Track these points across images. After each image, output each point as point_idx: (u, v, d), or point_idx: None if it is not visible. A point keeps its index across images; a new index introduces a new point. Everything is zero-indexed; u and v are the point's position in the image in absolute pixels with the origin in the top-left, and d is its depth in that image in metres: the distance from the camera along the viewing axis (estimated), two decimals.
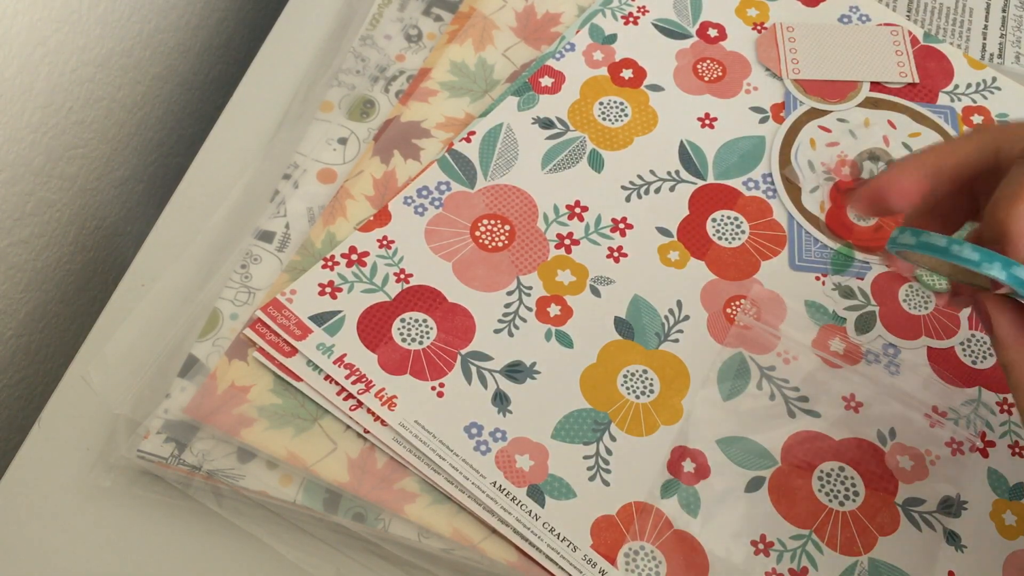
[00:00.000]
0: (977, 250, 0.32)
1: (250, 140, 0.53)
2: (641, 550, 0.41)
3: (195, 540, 0.43)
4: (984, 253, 0.32)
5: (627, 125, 0.52)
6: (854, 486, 0.42)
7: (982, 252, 0.32)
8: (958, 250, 0.32)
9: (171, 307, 0.47)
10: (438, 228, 0.48)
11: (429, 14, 0.56)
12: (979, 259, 0.32)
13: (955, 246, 0.32)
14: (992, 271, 0.32)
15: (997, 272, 0.32)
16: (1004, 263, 0.32)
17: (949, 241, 0.33)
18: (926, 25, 0.57)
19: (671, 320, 0.46)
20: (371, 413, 0.43)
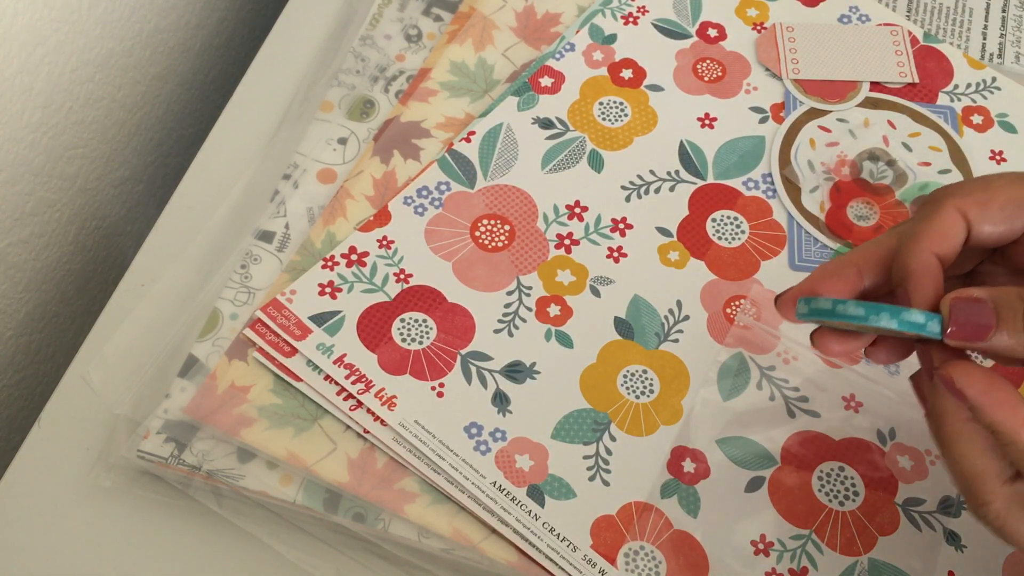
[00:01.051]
0: (861, 305, 0.32)
1: (250, 140, 0.53)
2: (641, 550, 0.41)
3: (195, 540, 0.43)
4: (869, 307, 0.32)
5: (627, 125, 0.52)
6: (854, 486, 0.42)
7: (867, 306, 0.32)
8: (843, 309, 0.33)
9: (171, 307, 0.47)
10: (438, 228, 0.48)
11: (429, 14, 0.56)
12: (865, 313, 0.32)
13: (840, 306, 0.33)
14: (881, 322, 0.32)
15: (886, 322, 0.32)
16: (891, 312, 0.32)
17: (834, 303, 0.33)
18: (926, 25, 0.57)
19: (671, 320, 0.46)
20: (371, 413, 0.43)
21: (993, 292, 0.32)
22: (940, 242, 0.33)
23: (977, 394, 0.31)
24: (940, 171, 0.51)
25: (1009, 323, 0.31)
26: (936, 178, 0.50)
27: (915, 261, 0.33)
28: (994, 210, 0.33)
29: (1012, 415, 0.31)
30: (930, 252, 0.33)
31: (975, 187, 0.34)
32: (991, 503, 0.32)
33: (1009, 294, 0.32)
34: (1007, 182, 0.34)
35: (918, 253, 0.33)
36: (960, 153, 0.51)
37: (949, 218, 0.33)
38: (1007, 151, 0.51)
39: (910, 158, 0.51)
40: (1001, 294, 0.32)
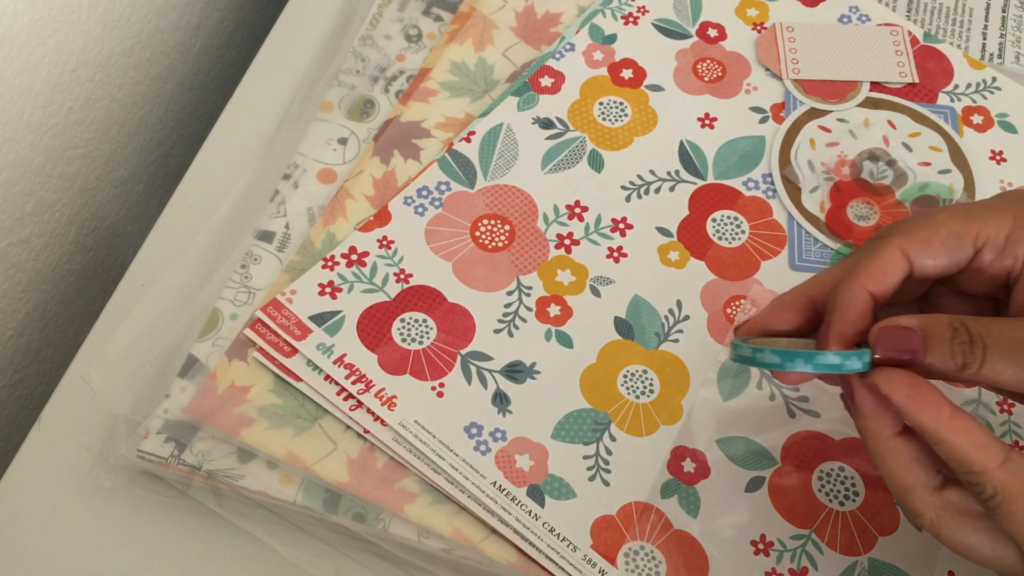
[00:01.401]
0: (776, 353, 0.34)
1: (250, 140, 0.53)
2: (641, 550, 0.41)
3: (195, 540, 0.43)
4: (783, 354, 0.34)
5: (627, 125, 0.52)
6: (854, 486, 0.42)
7: (782, 354, 0.34)
8: (761, 358, 0.34)
9: (171, 307, 0.47)
10: (438, 228, 0.48)
11: (429, 14, 0.56)
12: (780, 361, 0.34)
13: (759, 355, 0.34)
14: (796, 367, 0.34)
15: (801, 367, 0.34)
16: (806, 357, 0.33)
17: (754, 351, 0.35)
18: (926, 25, 0.57)
19: (671, 320, 0.46)
20: (371, 413, 0.43)
21: (922, 320, 0.34)
22: (876, 280, 0.35)
23: (902, 398, 0.33)
24: (940, 171, 0.51)
25: (937, 349, 0.33)
26: (936, 178, 0.50)
27: (843, 296, 0.35)
28: (935, 246, 0.35)
29: (937, 415, 0.32)
30: (862, 288, 0.35)
31: (919, 225, 0.35)
32: (923, 514, 0.34)
33: (939, 322, 0.33)
34: (949, 216, 0.35)
35: (849, 289, 0.35)
36: (960, 153, 0.51)
37: (889, 257, 0.35)
38: (1007, 151, 0.51)
39: (910, 158, 0.51)
40: (930, 322, 0.33)
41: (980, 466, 0.32)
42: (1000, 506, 0.32)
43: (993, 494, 0.32)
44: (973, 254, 0.35)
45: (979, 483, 0.32)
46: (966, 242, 0.35)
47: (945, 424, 0.32)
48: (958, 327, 0.33)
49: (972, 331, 0.33)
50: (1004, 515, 0.32)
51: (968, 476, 0.32)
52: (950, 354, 0.33)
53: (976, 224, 0.35)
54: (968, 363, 0.33)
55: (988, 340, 0.33)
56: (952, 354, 0.33)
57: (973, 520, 0.34)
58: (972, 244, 0.35)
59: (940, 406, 0.33)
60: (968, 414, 0.33)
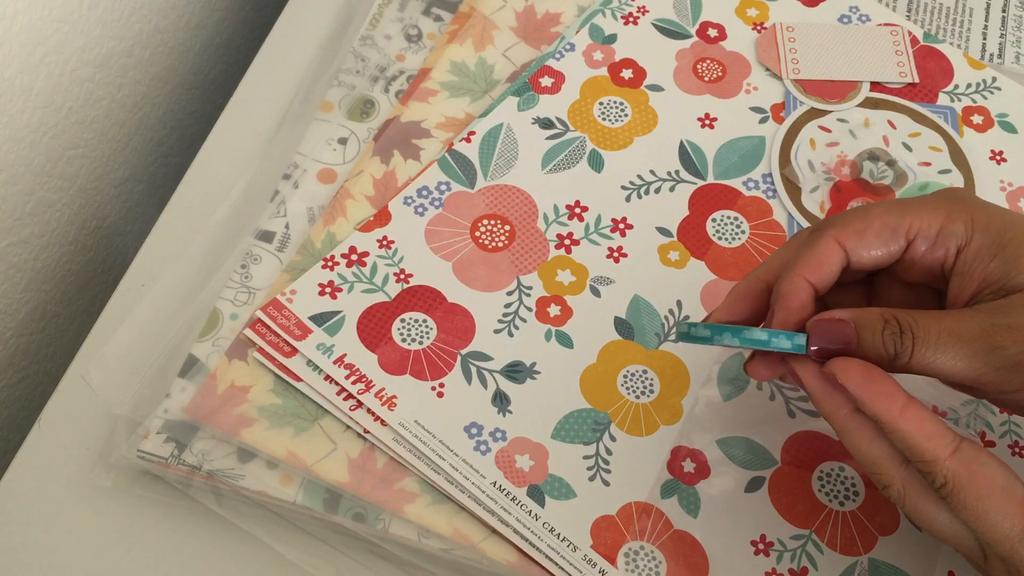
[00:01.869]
0: (708, 327, 0.36)
1: (250, 140, 0.53)
2: (641, 550, 0.41)
3: (195, 540, 0.43)
4: (713, 328, 0.36)
5: (627, 125, 0.52)
6: (854, 486, 0.42)
7: (712, 328, 0.36)
8: (694, 331, 0.36)
9: (171, 307, 0.47)
10: (438, 228, 0.48)
11: (429, 14, 0.56)
12: (710, 334, 0.36)
13: (692, 328, 0.36)
14: (724, 340, 0.35)
15: (729, 340, 0.35)
16: (733, 331, 0.35)
17: (689, 327, 0.37)
18: (926, 25, 0.57)
19: (671, 320, 0.46)
20: (371, 413, 0.43)
21: (856, 314, 0.36)
22: (814, 271, 0.36)
23: (856, 387, 0.34)
24: (940, 171, 0.51)
25: (868, 340, 0.35)
26: (936, 178, 0.50)
27: (784, 288, 0.36)
28: (870, 238, 0.37)
29: (890, 404, 0.34)
30: (802, 278, 0.36)
31: (855, 218, 0.37)
32: (891, 485, 0.35)
33: (871, 315, 0.35)
34: (883, 210, 0.37)
35: (790, 281, 0.36)
36: (960, 153, 0.51)
37: (826, 249, 0.37)
38: (1007, 151, 0.51)
39: (910, 158, 0.51)
40: (863, 315, 0.35)
41: (931, 455, 0.33)
42: (951, 494, 0.33)
43: (944, 483, 0.33)
44: (906, 246, 0.37)
45: (931, 472, 0.33)
46: (899, 234, 0.36)
47: (898, 414, 0.33)
48: (889, 319, 0.35)
49: (902, 323, 0.35)
50: (955, 503, 0.33)
51: (920, 465, 0.34)
52: (881, 344, 0.35)
53: (908, 217, 0.36)
54: (899, 352, 0.34)
55: (916, 331, 0.34)
56: (884, 344, 0.35)
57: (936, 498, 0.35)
58: (904, 236, 0.37)
59: (893, 395, 0.34)
60: (921, 404, 0.34)
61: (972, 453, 0.33)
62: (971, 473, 0.33)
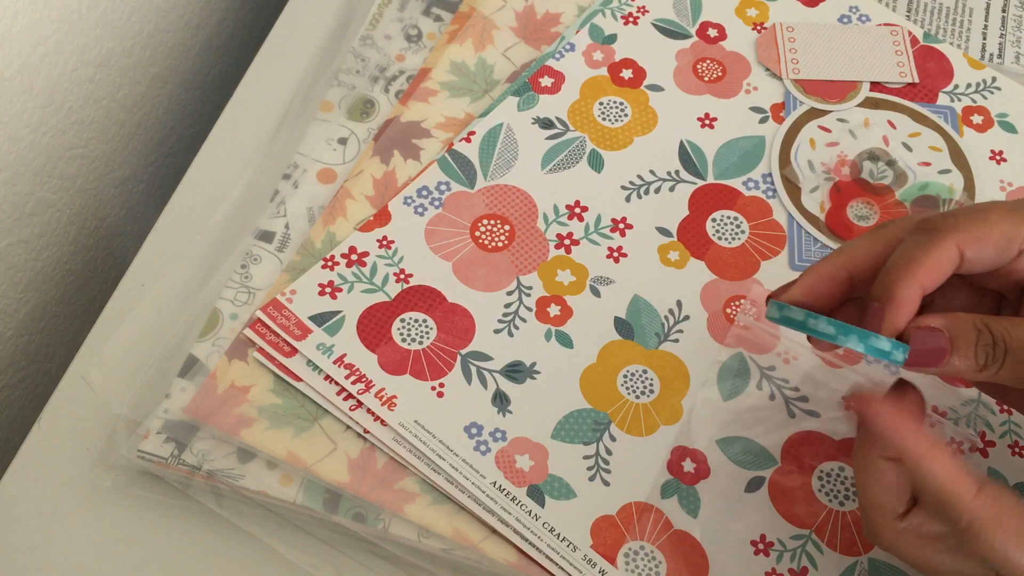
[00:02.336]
0: (832, 323, 0.34)
1: (250, 140, 0.53)
2: (641, 550, 0.41)
3: (195, 540, 0.43)
4: (839, 326, 0.34)
5: (627, 125, 0.52)
6: (854, 486, 0.42)
7: (837, 325, 0.34)
8: (814, 324, 0.34)
9: (171, 307, 0.47)
10: (438, 228, 0.48)
11: (429, 14, 0.56)
12: (835, 332, 0.34)
13: (811, 320, 0.34)
14: (849, 344, 0.33)
15: (854, 344, 0.33)
16: (860, 335, 0.33)
17: (806, 315, 0.34)
18: (926, 25, 0.57)
19: (671, 320, 0.46)
20: (371, 413, 0.43)
21: (949, 321, 0.35)
22: (932, 275, 0.35)
23: (883, 424, 0.34)
24: (940, 171, 0.51)
25: (962, 351, 0.34)
26: (936, 178, 0.50)
27: (903, 289, 0.34)
28: (988, 246, 0.35)
29: (916, 443, 0.34)
30: (918, 282, 0.35)
31: (974, 222, 0.35)
32: (881, 536, 0.36)
33: (964, 323, 0.34)
34: (1001, 216, 0.35)
35: (908, 282, 0.34)
36: (960, 153, 0.51)
37: (947, 254, 0.35)
38: (1007, 151, 0.51)
39: (910, 158, 0.51)
40: (956, 323, 0.34)
41: (956, 496, 0.33)
42: (975, 535, 0.33)
43: (967, 525, 0.33)
44: (1016, 255, 0.35)
45: (955, 511, 0.33)
46: (1014, 243, 0.35)
47: (925, 453, 0.33)
48: (982, 329, 0.34)
49: (995, 334, 0.34)
50: (978, 543, 0.33)
51: (942, 505, 0.33)
52: (973, 355, 0.34)
53: None
54: (988, 364, 0.34)
55: (1010, 343, 0.34)
56: (975, 355, 0.34)
57: (933, 542, 0.35)
58: (1019, 246, 0.35)
59: (920, 435, 0.34)
60: (945, 445, 0.34)
61: (995, 493, 0.33)
62: (995, 513, 0.33)
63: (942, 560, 0.35)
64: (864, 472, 0.35)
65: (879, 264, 0.36)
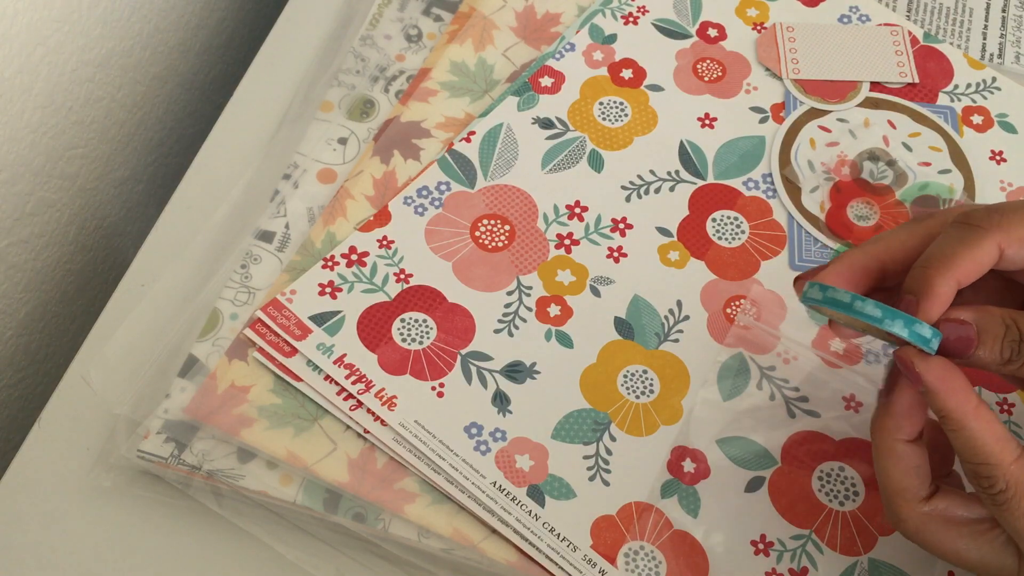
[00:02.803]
0: (879, 307, 0.34)
1: (250, 140, 0.53)
2: (641, 550, 0.41)
3: (195, 540, 0.43)
4: (886, 310, 0.34)
5: (627, 125, 0.52)
6: (854, 486, 0.42)
7: (884, 309, 0.34)
8: (861, 306, 0.34)
9: (171, 307, 0.47)
10: (438, 228, 0.48)
11: (429, 14, 0.56)
12: (881, 316, 0.34)
13: (858, 302, 0.34)
14: (894, 328, 0.34)
15: (899, 329, 0.34)
16: (906, 321, 0.34)
17: (853, 297, 0.34)
18: (926, 25, 0.57)
19: (671, 320, 0.46)
20: (371, 413, 0.43)
21: (978, 315, 0.35)
22: (970, 272, 0.35)
23: (934, 379, 0.34)
24: (940, 171, 0.51)
25: (988, 345, 0.34)
26: (936, 178, 0.50)
27: (940, 285, 0.34)
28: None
29: (965, 401, 0.34)
30: (956, 279, 0.35)
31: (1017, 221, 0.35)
32: (907, 521, 0.36)
33: (993, 318, 0.35)
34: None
35: (946, 278, 0.34)
36: (960, 153, 0.51)
37: (987, 253, 0.35)
38: (1007, 151, 0.51)
39: (910, 158, 0.51)
40: (985, 317, 0.35)
41: (997, 459, 0.33)
42: (1009, 500, 0.33)
43: (1004, 488, 0.33)
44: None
45: (991, 476, 0.33)
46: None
47: (971, 412, 0.33)
48: (1010, 325, 0.34)
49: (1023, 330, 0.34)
50: (1011, 510, 0.33)
51: (981, 468, 0.34)
52: (1000, 350, 0.34)
53: None
54: (1013, 359, 0.34)
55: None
56: (1001, 350, 0.34)
57: (958, 526, 0.35)
58: None
59: (968, 394, 0.34)
60: (989, 408, 0.34)
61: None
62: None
63: (966, 545, 0.35)
64: (886, 457, 0.35)
65: (914, 257, 0.36)
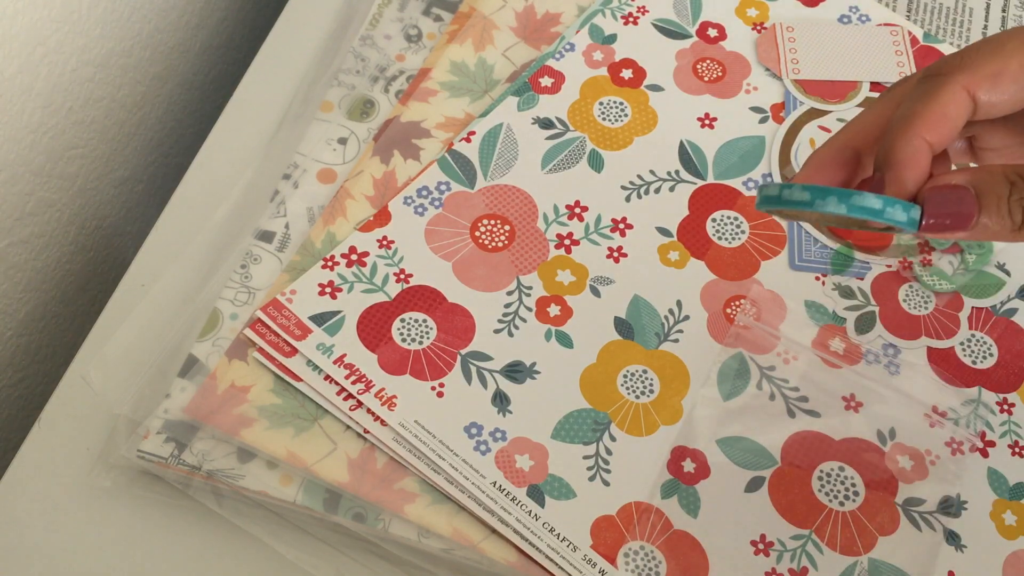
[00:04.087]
0: (807, 189, 0.30)
1: (250, 140, 0.53)
2: (641, 550, 0.41)
3: (195, 540, 0.43)
4: (814, 190, 0.30)
5: (627, 125, 0.52)
6: (854, 486, 0.42)
7: (812, 190, 0.30)
8: (788, 194, 0.30)
9: (171, 307, 0.47)
10: (438, 228, 0.48)
11: (429, 14, 0.56)
12: (811, 198, 0.30)
13: (786, 191, 0.30)
14: (828, 206, 0.29)
15: (834, 207, 0.29)
16: (840, 195, 0.29)
17: (781, 188, 0.31)
18: (926, 25, 0.57)
19: (671, 320, 0.46)
20: (371, 413, 0.43)
21: (974, 176, 0.30)
22: (937, 128, 0.30)
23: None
24: None
25: (992, 209, 0.30)
26: None
27: (900, 151, 0.30)
28: (1006, 83, 0.30)
29: None
30: (921, 138, 0.30)
31: (986, 57, 0.30)
32: None
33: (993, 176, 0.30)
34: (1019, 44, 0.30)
35: (906, 140, 0.30)
36: None
37: (953, 99, 0.30)
38: None
39: None
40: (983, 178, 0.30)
41: None
42: None
43: None
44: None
45: None
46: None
47: None
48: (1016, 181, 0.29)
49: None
50: None
51: None
52: (1008, 213, 0.29)
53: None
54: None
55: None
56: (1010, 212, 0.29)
57: None
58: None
59: None
60: None
61: None
62: None
63: None
64: None
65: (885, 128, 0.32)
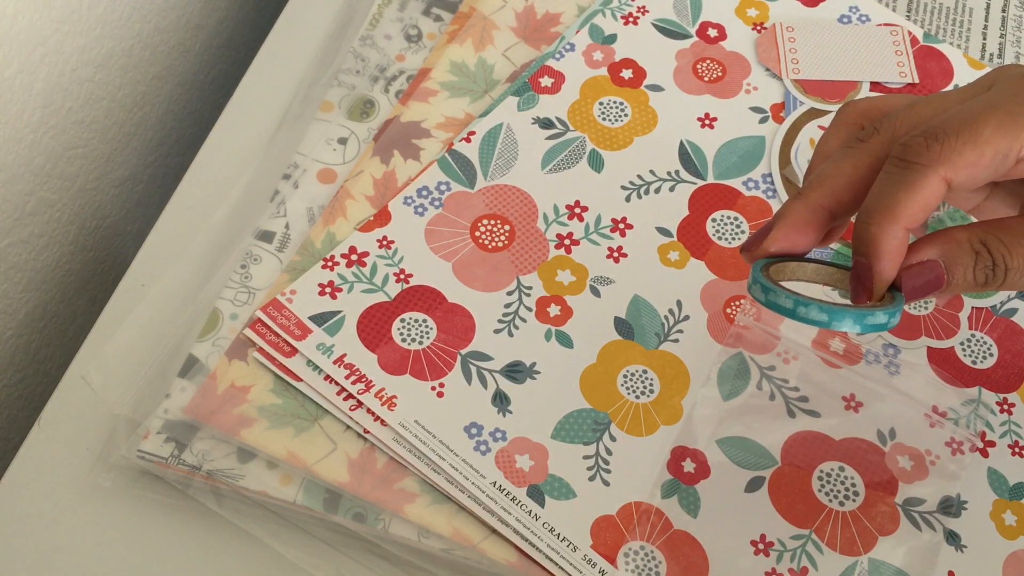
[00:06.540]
0: (824, 309, 0.32)
1: (250, 140, 0.53)
2: (641, 550, 0.41)
3: (195, 540, 0.43)
4: (831, 311, 0.32)
5: (627, 125, 0.52)
6: (854, 486, 0.42)
7: (829, 311, 0.32)
8: (805, 312, 0.32)
9: (171, 307, 0.47)
10: (438, 228, 0.48)
11: (429, 14, 0.56)
12: (828, 319, 0.32)
13: (801, 308, 0.32)
14: (844, 327, 0.32)
15: (849, 327, 0.32)
16: (855, 317, 0.32)
17: (796, 303, 0.32)
18: (926, 25, 0.57)
19: (671, 320, 0.46)
20: (371, 413, 0.43)
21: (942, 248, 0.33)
22: (916, 216, 0.32)
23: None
24: None
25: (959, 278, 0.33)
26: None
27: (886, 244, 0.32)
28: (981, 170, 0.32)
29: None
30: (903, 230, 0.32)
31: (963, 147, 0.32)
32: None
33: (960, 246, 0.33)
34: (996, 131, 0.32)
35: (890, 235, 0.32)
36: None
37: (932, 191, 0.32)
38: None
39: None
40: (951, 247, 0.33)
41: None
42: None
43: None
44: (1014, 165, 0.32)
45: None
46: (1009, 159, 0.32)
47: None
48: (980, 250, 0.32)
49: (994, 254, 0.32)
50: None
51: None
52: (972, 278, 0.33)
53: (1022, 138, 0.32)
54: (989, 282, 0.33)
55: (1010, 262, 0.32)
56: (975, 278, 0.33)
57: None
58: (1015, 158, 0.32)
59: None
60: None
61: None
62: None
63: None
64: None
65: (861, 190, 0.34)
